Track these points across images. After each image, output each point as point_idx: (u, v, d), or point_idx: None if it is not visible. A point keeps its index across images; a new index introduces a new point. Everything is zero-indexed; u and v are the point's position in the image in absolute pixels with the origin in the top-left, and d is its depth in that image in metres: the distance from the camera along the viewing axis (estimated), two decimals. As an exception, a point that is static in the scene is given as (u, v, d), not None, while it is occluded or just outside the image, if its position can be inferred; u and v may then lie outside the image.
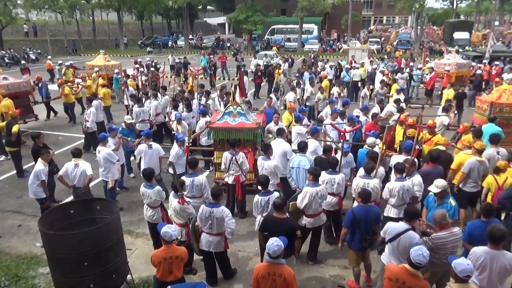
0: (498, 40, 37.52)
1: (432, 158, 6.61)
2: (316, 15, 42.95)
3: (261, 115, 8.93)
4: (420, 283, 3.84)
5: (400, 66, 20.32)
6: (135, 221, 7.57)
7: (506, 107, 9.08)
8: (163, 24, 58.09)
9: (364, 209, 5.24)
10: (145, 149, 7.84)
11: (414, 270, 3.84)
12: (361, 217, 5.17)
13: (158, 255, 4.56)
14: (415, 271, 3.84)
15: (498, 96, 9.37)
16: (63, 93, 13.33)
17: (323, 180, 6.17)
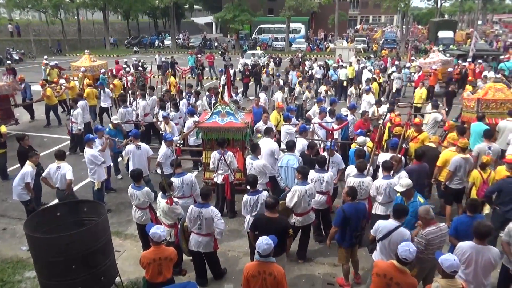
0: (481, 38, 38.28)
1: (417, 156, 6.71)
2: (303, 14, 43.14)
3: (250, 115, 8.94)
4: (407, 279, 3.90)
5: (386, 65, 20.56)
6: (123, 222, 7.50)
7: (492, 103, 9.26)
8: (149, 24, 57.61)
9: (354, 207, 5.30)
10: (133, 150, 7.77)
11: (401, 266, 3.89)
12: (351, 214, 5.23)
13: (147, 256, 4.53)
14: (402, 267, 3.89)
15: (485, 93, 9.55)
16: (45, 94, 13.01)
17: (312, 178, 6.20)
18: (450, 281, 3.72)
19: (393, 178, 6.03)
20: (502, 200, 5.92)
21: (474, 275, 4.25)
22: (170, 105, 10.85)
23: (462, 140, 7.02)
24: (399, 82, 16.38)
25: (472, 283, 4.26)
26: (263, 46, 39.94)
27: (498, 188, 6.00)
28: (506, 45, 32.21)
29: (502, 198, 5.92)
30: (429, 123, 9.71)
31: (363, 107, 10.79)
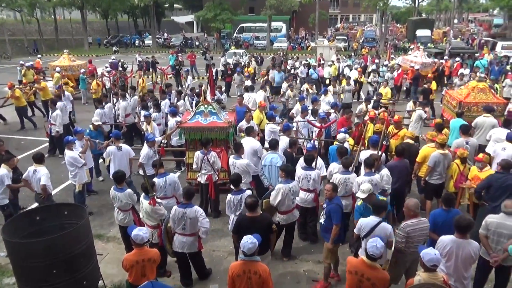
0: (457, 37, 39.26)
1: (398, 152, 6.84)
2: (284, 13, 43.26)
3: (233, 114, 8.92)
4: (378, 274, 3.96)
5: (366, 63, 20.84)
6: (105, 225, 7.38)
7: (473, 106, 9.37)
8: (129, 23, 56.78)
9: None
10: (114, 151, 7.65)
11: (370, 262, 3.96)
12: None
13: (129, 259, 4.47)
14: (371, 262, 3.96)
15: (466, 95, 9.61)
16: (13, 95, 12.54)
17: (299, 176, 6.23)
18: (432, 275, 3.80)
19: (375, 175, 6.12)
20: (491, 196, 6.01)
21: (454, 268, 4.35)
22: (152, 105, 10.73)
23: (440, 136, 7.19)
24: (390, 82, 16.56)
25: (453, 276, 4.36)
26: (244, 45, 39.95)
27: (487, 183, 6.08)
28: (481, 43, 33.08)
29: (491, 193, 6.00)
30: (413, 120, 9.92)
31: (322, 108, 10.82)
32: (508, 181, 5.85)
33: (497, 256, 4.72)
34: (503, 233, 4.69)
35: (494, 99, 9.45)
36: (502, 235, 4.70)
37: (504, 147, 7.21)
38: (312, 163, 6.40)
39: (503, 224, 4.70)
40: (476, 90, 9.56)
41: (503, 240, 4.70)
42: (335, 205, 5.33)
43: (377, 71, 17.32)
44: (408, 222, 4.74)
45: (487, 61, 19.68)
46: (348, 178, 6.13)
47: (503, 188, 5.84)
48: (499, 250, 4.73)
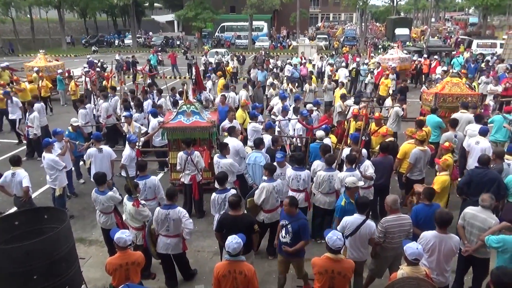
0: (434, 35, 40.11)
1: (382, 148, 6.96)
2: (265, 12, 43.37)
3: (215, 113, 8.89)
4: (345, 265, 4.09)
5: (347, 62, 21.09)
6: (87, 228, 7.25)
7: (449, 97, 9.67)
8: (108, 22, 55.84)
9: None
10: (95, 153, 7.52)
11: (335, 255, 4.05)
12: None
13: (112, 263, 4.39)
14: (336, 256, 4.05)
15: (442, 87, 9.94)
16: None
17: (289, 176, 6.26)
18: (414, 268, 3.88)
19: (356, 171, 6.20)
20: (472, 190, 6.15)
21: (437, 262, 4.46)
22: (134, 106, 10.59)
23: (419, 133, 7.33)
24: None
25: (435, 270, 4.46)
26: (226, 44, 39.84)
27: (469, 179, 6.24)
28: (457, 41, 33.89)
29: (472, 188, 6.15)
30: (391, 117, 10.09)
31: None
32: (487, 176, 6.03)
33: (469, 246, 4.86)
34: (475, 224, 4.84)
35: (468, 91, 9.81)
36: (474, 226, 4.85)
37: (477, 141, 7.46)
38: (302, 163, 6.44)
39: (476, 216, 4.84)
40: (450, 84, 9.90)
41: (474, 231, 4.85)
42: (304, 221, 4.95)
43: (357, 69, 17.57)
44: (387, 218, 4.84)
45: (463, 59, 20.20)
46: (332, 175, 6.18)
47: (483, 182, 6.01)
48: (471, 240, 4.88)
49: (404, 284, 3.80)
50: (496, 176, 6.09)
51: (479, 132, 7.59)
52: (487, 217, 4.79)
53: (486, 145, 7.33)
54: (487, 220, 4.77)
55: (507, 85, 13.13)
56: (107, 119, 10.61)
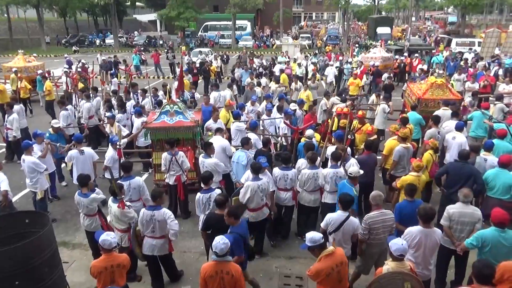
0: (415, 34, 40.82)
1: (367, 146, 7.06)
2: (248, 11, 43.34)
3: (199, 113, 8.84)
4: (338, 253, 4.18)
5: (330, 60, 21.28)
6: (70, 231, 7.13)
7: (430, 102, 9.81)
8: (89, 22, 54.88)
9: None
10: (76, 155, 7.39)
11: (327, 250, 4.08)
12: None
13: (97, 265, 4.33)
14: (328, 250, 4.08)
15: (425, 91, 10.01)
16: None
17: (276, 176, 6.27)
18: (399, 263, 3.95)
19: (340, 168, 6.27)
20: (448, 182, 6.40)
21: (422, 256, 4.55)
22: (116, 106, 10.45)
23: (402, 130, 7.45)
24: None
25: (420, 264, 4.55)
26: (210, 44, 39.68)
27: (445, 171, 6.48)
28: (437, 40, 34.58)
29: (448, 180, 6.40)
30: (378, 114, 10.24)
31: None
32: (464, 169, 6.23)
33: (462, 243, 4.97)
34: (465, 221, 4.93)
35: (451, 95, 9.91)
36: (464, 223, 4.95)
37: (454, 136, 7.67)
38: (289, 162, 6.46)
39: (464, 213, 4.95)
40: (434, 86, 9.99)
41: (466, 228, 4.95)
42: (236, 235, 4.58)
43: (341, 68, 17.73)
44: (370, 214, 4.91)
45: (443, 57, 20.62)
46: (317, 173, 6.23)
47: (459, 175, 6.23)
48: (463, 237, 4.98)
49: (389, 279, 3.86)
50: (473, 170, 6.27)
51: (455, 128, 7.81)
52: (473, 210, 4.93)
53: (462, 140, 7.53)
54: (474, 213, 4.91)
55: (485, 82, 13.48)
56: (89, 120, 10.43)
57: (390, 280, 3.85)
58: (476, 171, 6.30)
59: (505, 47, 23.04)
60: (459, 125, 7.85)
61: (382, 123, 10.15)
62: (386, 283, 3.85)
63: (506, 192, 5.90)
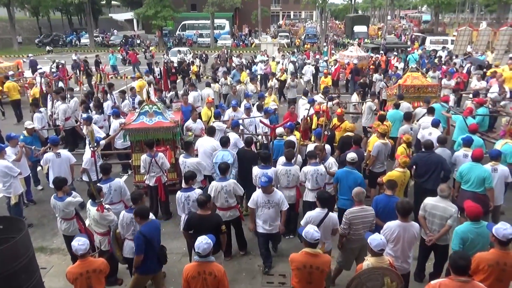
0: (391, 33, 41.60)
1: (355, 141, 7.13)
2: (227, 10, 43.21)
3: (179, 113, 8.77)
4: (322, 259, 4.15)
5: (309, 59, 21.46)
6: (48, 236, 6.95)
7: (410, 88, 10.63)
8: (63, 21, 53.47)
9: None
10: (52, 158, 7.19)
11: (313, 250, 4.11)
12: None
13: (72, 271, 4.20)
14: (314, 250, 4.12)
15: (404, 80, 10.98)
16: None
17: (256, 175, 6.28)
18: (379, 259, 4.03)
19: (320, 165, 6.34)
20: (418, 172, 6.69)
21: (401, 250, 4.65)
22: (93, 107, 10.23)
23: (382, 126, 7.59)
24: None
25: (400, 258, 4.65)
26: (188, 43, 39.36)
27: (414, 162, 6.75)
28: (412, 38, 35.35)
29: (418, 171, 6.69)
30: (364, 112, 10.42)
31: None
32: (431, 159, 6.57)
33: (432, 235, 5.12)
34: (436, 214, 5.09)
35: (427, 82, 10.94)
36: (435, 216, 5.10)
37: (430, 132, 7.90)
38: (268, 161, 6.47)
39: (436, 206, 5.09)
40: (411, 77, 10.99)
41: (436, 221, 5.10)
42: (138, 234, 4.68)
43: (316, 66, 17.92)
44: (351, 210, 5.00)
45: (418, 55, 21.11)
46: (290, 170, 6.28)
47: (427, 165, 6.55)
48: (434, 230, 5.13)
49: (370, 275, 3.94)
50: (440, 159, 6.60)
51: (432, 124, 8.07)
52: (447, 206, 5.05)
53: (438, 135, 7.74)
54: (447, 209, 5.03)
55: (458, 79, 13.90)
56: (66, 122, 10.18)
57: (370, 276, 3.93)
58: (443, 159, 6.64)
59: (476, 45, 23.78)
60: (435, 121, 8.11)
61: (369, 120, 10.30)
62: (366, 279, 3.92)
63: (480, 185, 6.10)
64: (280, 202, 5.53)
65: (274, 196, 5.52)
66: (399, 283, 3.92)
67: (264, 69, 17.73)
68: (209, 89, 12.45)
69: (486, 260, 4.05)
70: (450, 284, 3.57)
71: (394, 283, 3.88)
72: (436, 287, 3.60)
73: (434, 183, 6.09)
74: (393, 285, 3.88)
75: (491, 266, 4.03)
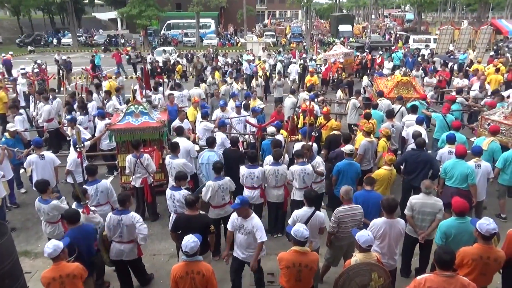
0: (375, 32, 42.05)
1: (345, 140, 7.19)
2: (212, 9, 43.02)
3: (165, 113, 8.70)
4: (311, 257, 4.18)
5: (295, 58, 21.54)
6: (32, 240, 6.82)
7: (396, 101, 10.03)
8: (44, 20, 52.44)
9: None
10: (36, 160, 7.05)
11: (302, 248, 4.14)
12: None
13: (46, 276, 4.09)
14: (303, 249, 4.14)
15: (390, 89, 10.50)
16: None
17: (243, 174, 6.29)
18: (367, 255, 4.08)
19: (307, 165, 6.38)
20: (407, 170, 6.81)
21: (388, 247, 4.71)
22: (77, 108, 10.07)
23: (367, 124, 7.67)
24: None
25: (386, 254, 4.71)
26: (173, 42, 39.07)
27: (403, 159, 6.89)
28: (396, 37, 35.81)
29: (407, 168, 6.81)
30: (349, 109, 10.49)
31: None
32: (420, 157, 6.68)
33: (424, 232, 5.21)
34: (426, 211, 5.17)
35: (415, 93, 10.43)
36: (425, 213, 5.18)
37: (415, 130, 7.95)
38: (255, 160, 6.49)
39: (425, 203, 5.18)
40: (400, 84, 10.51)
41: (427, 218, 5.19)
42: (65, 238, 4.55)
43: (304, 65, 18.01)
44: (340, 208, 5.04)
45: (401, 54, 21.41)
46: (278, 170, 6.31)
47: (417, 163, 6.66)
48: (424, 226, 5.22)
49: (357, 270, 3.98)
50: (429, 157, 6.75)
51: (416, 122, 8.19)
52: (434, 201, 5.17)
53: (422, 133, 7.86)
54: (435, 204, 5.14)
55: (440, 77, 14.16)
56: (49, 123, 10.00)
57: (358, 271, 3.97)
58: (432, 158, 6.80)
59: (458, 44, 24.20)
60: (419, 119, 8.24)
61: (354, 118, 10.38)
62: (354, 274, 3.96)
63: (463, 181, 6.23)
64: (254, 231, 4.71)
65: (249, 222, 4.75)
66: (386, 278, 3.98)
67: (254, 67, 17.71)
68: (199, 88, 12.37)
69: (470, 255, 4.14)
70: (436, 279, 3.63)
71: (381, 279, 3.94)
72: (422, 282, 3.65)
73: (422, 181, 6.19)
74: (380, 280, 3.93)
75: (475, 260, 4.12)
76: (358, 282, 3.93)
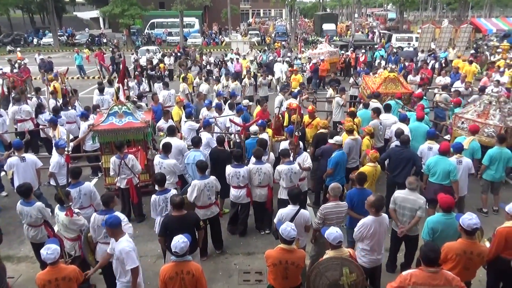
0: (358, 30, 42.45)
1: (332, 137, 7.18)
2: (196, 8, 42.72)
3: (150, 113, 8.61)
4: (297, 255, 4.21)
5: (279, 56, 21.57)
6: (14, 244, 6.67)
7: (384, 96, 10.27)
8: (24, 19, 51.22)
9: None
10: (17, 163, 6.89)
11: (288, 246, 4.15)
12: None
13: (41, 278, 4.05)
14: (289, 247, 4.16)
15: (379, 85, 10.63)
16: None
17: (228, 173, 6.28)
18: (338, 251, 4.12)
19: (294, 164, 6.40)
20: (391, 166, 6.93)
21: (377, 243, 4.75)
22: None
23: (347, 123, 7.71)
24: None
25: (376, 251, 4.76)
26: (157, 42, 38.68)
27: (387, 155, 6.99)
28: (380, 35, 36.19)
29: (390, 164, 6.93)
30: (334, 107, 10.57)
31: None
32: (404, 154, 6.79)
33: (403, 227, 5.29)
34: (406, 206, 5.26)
35: (402, 89, 10.65)
36: (405, 208, 5.28)
37: (399, 127, 8.06)
38: (241, 159, 6.47)
39: (407, 198, 5.27)
40: (387, 80, 10.68)
41: (406, 213, 5.28)
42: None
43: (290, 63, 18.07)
44: (326, 205, 5.09)
45: (385, 52, 21.69)
46: (261, 168, 6.32)
47: (400, 159, 6.78)
48: (405, 221, 5.31)
49: (328, 264, 4.01)
50: (412, 154, 6.84)
51: (400, 119, 8.30)
52: (416, 198, 5.24)
53: (406, 130, 7.97)
54: (416, 201, 5.21)
55: (422, 75, 14.40)
56: (22, 123, 9.78)
57: (328, 266, 4.01)
58: (415, 154, 6.88)
59: (439, 42, 24.64)
60: (402, 116, 8.35)
61: (338, 116, 10.45)
62: (324, 269, 3.99)
63: (446, 178, 6.35)
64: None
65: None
66: (359, 275, 3.97)
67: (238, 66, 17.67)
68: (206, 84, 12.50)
69: (454, 250, 4.22)
70: (421, 274, 3.69)
71: (353, 274, 3.94)
72: (407, 278, 3.71)
73: (405, 178, 6.22)
74: (353, 276, 3.93)
75: (458, 255, 4.21)
76: (328, 277, 3.94)
